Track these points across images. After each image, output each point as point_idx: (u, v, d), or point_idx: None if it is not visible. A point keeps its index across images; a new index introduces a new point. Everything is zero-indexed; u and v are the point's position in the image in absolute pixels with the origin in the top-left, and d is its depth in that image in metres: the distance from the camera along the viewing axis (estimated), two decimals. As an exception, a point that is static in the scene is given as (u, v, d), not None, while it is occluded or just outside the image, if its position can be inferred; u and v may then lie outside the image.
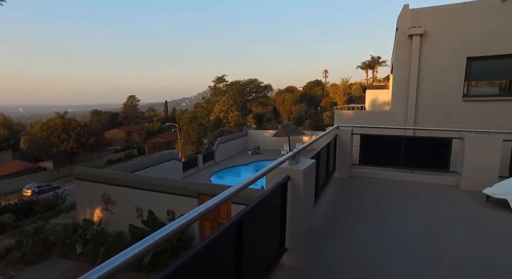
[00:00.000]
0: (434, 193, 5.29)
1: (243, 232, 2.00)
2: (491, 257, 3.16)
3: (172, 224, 1.45)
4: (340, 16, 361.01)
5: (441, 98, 8.31)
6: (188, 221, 1.53)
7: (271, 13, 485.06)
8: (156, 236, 1.33)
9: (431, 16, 8.23)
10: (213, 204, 1.75)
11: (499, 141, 5.22)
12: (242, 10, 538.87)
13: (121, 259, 1.16)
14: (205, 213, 1.69)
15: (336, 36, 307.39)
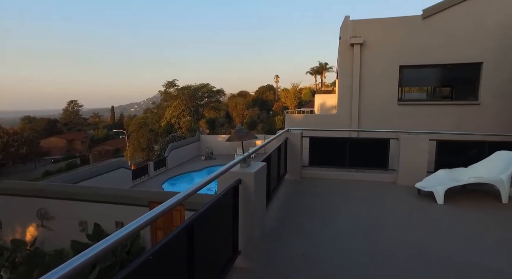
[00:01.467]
0: (376, 190, 5.73)
1: (194, 237, 1.99)
2: (420, 240, 3.55)
3: (115, 233, 1.39)
4: (289, 23, 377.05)
5: (380, 102, 9.09)
6: (133, 230, 1.49)
7: (220, 19, 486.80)
8: (98, 247, 1.27)
9: (369, 28, 8.99)
10: (161, 211, 1.72)
11: (426, 140, 5.86)
12: (193, 14, 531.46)
13: (58, 273, 1.09)
14: (153, 220, 1.65)
15: (286, 42, 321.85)
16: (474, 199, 5.09)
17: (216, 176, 2.63)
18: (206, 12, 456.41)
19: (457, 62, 8.57)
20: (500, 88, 8.27)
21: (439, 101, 9.03)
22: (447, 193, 5.06)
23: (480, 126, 8.34)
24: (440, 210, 4.63)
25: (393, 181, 6.21)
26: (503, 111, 8.29)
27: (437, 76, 9.04)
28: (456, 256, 3.20)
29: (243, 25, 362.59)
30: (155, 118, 44.22)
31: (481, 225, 4.08)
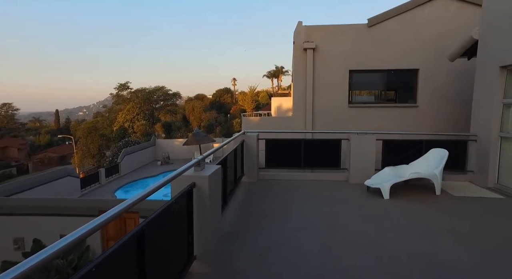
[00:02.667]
0: (329, 188, 5.99)
1: (145, 245, 1.90)
2: (370, 233, 3.78)
3: (51, 246, 1.27)
4: (247, 26, 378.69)
5: (332, 105, 9.55)
6: (73, 241, 1.37)
7: (178, 21, 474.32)
8: (28, 263, 1.14)
9: (321, 33, 9.42)
10: (105, 219, 1.61)
11: (374, 140, 6.27)
12: (146, 17, 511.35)
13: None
14: (96, 229, 1.54)
15: (244, 45, 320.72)
16: (414, 193, 5.55)
17: (169, 180, 2.55)
18: (166, 15, 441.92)
19: (398, 68, 9.33)
20: (434, 93, 9.17)
21: (385, 103, 9.73)
22: (393, 188, 5.45)
23: (419, 126, 9.15)
24: (386, 205, 4.97)
25: (345, 180, 6.53)
26: (437, 113, 9.20)
27: (382, 80, 9.76)
28: (399, 246, 3.45)
29: (199, 27, 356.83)
30: (107, 122, 41.68)
31: (419, 215, 4.46)
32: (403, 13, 9.07)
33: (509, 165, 5.59)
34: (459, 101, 8.70)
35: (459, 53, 7.28)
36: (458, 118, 8.76)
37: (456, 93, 8.93)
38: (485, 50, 6.11)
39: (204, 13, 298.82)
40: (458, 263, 3.09)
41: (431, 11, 8.96)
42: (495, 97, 5.74)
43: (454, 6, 8.85)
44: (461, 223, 4.17)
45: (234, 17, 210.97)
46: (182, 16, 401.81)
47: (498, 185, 5.80)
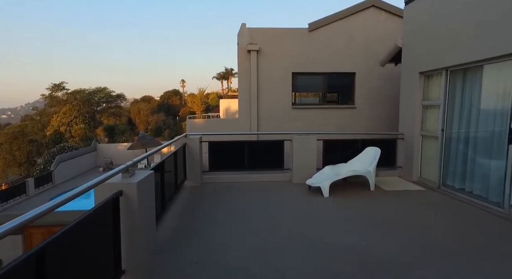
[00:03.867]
0: (273, 189, 6.06)
1: (47, 266, 1.66)
2: (310, 230, 3.89)
3: None
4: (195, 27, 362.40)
5: (276, 106, 9.75)
6: None
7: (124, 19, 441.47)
8: None
9: (264, 36, 9.58)
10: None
11: (314, 140, 6.51)
12: (88, 13, 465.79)
13: None
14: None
15: (193, 46, 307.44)
16: (351, 189, 5.88)
17: (87, 189, 2.31)
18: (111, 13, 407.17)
19: (338, 71, 9.89)
20: (369, 95, 9.90)
21: (326, 105, 10.23)
22: (333, 186, 5.70)
23: (357, 126, 9.79)
24: (326, 202, 5.18)
25: (289, 180, 6.68)
26: (372, 114, 9.93)
27: (325, 83, 10.23)
28: (334, 241, 3.60)
29: (145, 27, 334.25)
30: (38, 126, 37.58)
31: (355, 211, 4.73)
32: (340, 19, 9.65)
33: (428, 161, 6.22)
34: (390, 102, 9.49)
35: (387, 59, 7.95)
36: (390, 118, 9.53)
37: (387, 95, 9.73)
38: (407, 57, 6.74)
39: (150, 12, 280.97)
40: (386, 254, 3.30)
41: (364, 19, 9.67)
42: (417, 99, 6.35)
43: (382, 16, 9.67)
44: (389, 216, 4.50)
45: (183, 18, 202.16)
46: (127, 15, 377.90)
47: (421, 179, 6.41)
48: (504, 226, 4.07)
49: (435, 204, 5.07)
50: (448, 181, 5.68)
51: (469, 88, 5.24)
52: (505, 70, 4.50)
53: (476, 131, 5.08)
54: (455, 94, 5.51)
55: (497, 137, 4.63)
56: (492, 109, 4.78)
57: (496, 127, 4.66)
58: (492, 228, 4.05)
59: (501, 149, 4.54)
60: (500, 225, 4.10)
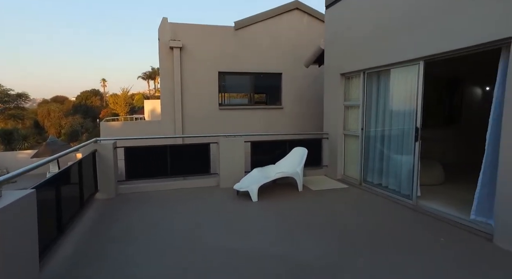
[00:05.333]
0: (199, 196, 5.60)
1: None
2: (239, 240, 3.56)
3: None
4: (118, 24, 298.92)
5: (202, 107, 9.26)
6: None
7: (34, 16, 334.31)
8: None
9: (188, 32, 9.00)
10: None
11: (242, 142, 6.25)
12: None
13: None
14: None
15: (114, 44, 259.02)
16: (280, 191, 5.77)
17: None
18: None
19: (265, 71, 9.86)
20: (296, 95, 10.12)
21: (254, 105, 10.12)
22: (262, 189, 5.51)
23: (285, 127, 9.91)
24: (254, 208, 4.93)
25: (216, 185, 6.30)
26: (299, 114, 10.17)
27: (253, 83, 10.08)
28: (260, 251, 3.34)
29: (57, 20, 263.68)
30: None
31: (283, 214, 4.57)
32: (266, 20, 9.64)
33: (350, 159, 6.50)
34: (316, 103, 9.84)
35: (311, 61, 8.17)
36: (316, 118, 9.87)
37: (313, 95, 10.08)
38: (329, 59, 6.97)
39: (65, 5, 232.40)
40: (313, 259, 3.16)
41: (289, 21, 9.84)
42: (339, 100, 6.59)
43: (305, 19, 9.98)
44: (316, 217, 4.46)
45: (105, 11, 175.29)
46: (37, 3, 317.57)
47: (344, 176, 6.68)
48: (414, 217, 4.36)
49: (357, 201, 5.25)
50: (368, 177, 5.99)
51: (382, 89, 5.57)
52: (408, 74, 4.86)
53: (389, 130, 5.42)
54: (371, 95, 5.82)
55: (406, 135, 4.98)
56: (401, 109, 5.13)
57: (405, 125, 5.01)
58: (404, 220, 4.29)
59: (410, 146, 4.89)
60: (410, 216, 4.39)
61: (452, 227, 3.99)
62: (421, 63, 4.57)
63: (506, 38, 3.41)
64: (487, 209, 3.83)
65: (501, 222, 3.45)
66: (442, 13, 4.13)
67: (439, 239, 3.64)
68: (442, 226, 4.02)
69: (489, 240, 3.56)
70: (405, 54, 4.78)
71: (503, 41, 3.49)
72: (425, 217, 4.37)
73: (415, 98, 4.73)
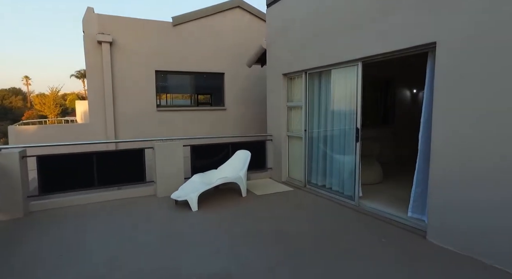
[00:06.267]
0: (133, 208, 4.98)
1: None
2: (174, 260, 3.09)
3: None
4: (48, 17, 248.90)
5: (139, 109, 8.45)
6: None
7: None
8: None
9: (119, 26, 8.14)
10: None
11: (180, 146, 5.76)
12: None
13: None
14: None
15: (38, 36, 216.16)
16: (223, 198, 5.41)
17: None
18: None
19: (207, 71, 9.40)
20: (239, 96, 9.83)
21: (196, 107, 9.59)
22: (203, 196, 5.10)
23: (228, 129, 9.56)
24: (193, 219, 4.49)
25: (153, 194, 5.71)
26: (243, 116, 9.91)
27: (194, 83, 9.53)
28: (202, 269, 2.95)
29: None
30: None
31: (225, 225, 4.21)
32: (207, 16, 9.18)
33: (294, 161, 6.41)
34: (260, 104, 9.68)
35: (254, 60, 7.95)
36: (260, 120, 9.72)
37: (257, 96, 9.89)
38: (271, 59, 6.81)
39: None
40: (255, 275, 2.86)
41: (230, 19, 9.52)
42: (282, 100, 6.46)
43: (247, 18, 9.77)
44: (260, 225, 4.19)
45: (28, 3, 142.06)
46: None
47: (289, 179, 6.57)
48: (357, 218, 4.35)
49: (302, 204, 5.12)
50: (312, 179, 5.94)
51: (323, 90, 5.55)
52: (348, 75, 4.88)
53: (331, 130, 5.41)
54: (314, 96, 5.78)
55: (348, 135, 4.99)
56: (342, 110, 5.14)
57: (346, 126, 5.03)
58: (347, 222, 4.25)
59: (351, 147, 4.91)
60: (353, 217, 4.37)
61: (392, 226, 4.03)
62: (359, 64, 4.60)
63: (432, 42, 3.51)
64: (422, 207, 3.95)
65: (433, 219, 3.54)
66: (378, 16, 4.17)
67: (381, 240, 3.63)
68: (383, 226, 4.05)
69: (423, 236, 3.64)
70: (344, 55, 4.78)
71: (429, 46, 3.59)
72: (367, 217, 4.38)
73: (355, 99, 4.74)
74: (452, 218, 3.35)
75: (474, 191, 3.16)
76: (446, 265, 3.04)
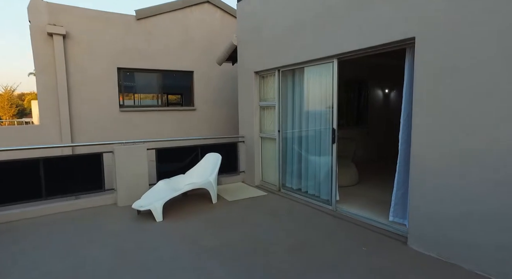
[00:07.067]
0: (89, 220, 4.41)
1: None
2: (132, 274, 2.64)
3: None
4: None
5: (99, 109, 7.72)
6: None
7: None
8: None
9: (74, 17, 7.36)
10: None
11: (144, 150, 5.24)
12: None
13: None
14: None
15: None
16: (192, 206, 4.98)
17: None
18: None
19: (175, 69, 8.84)
20: (210, 96, 9.35)
21: (165, 107, 8.99)
22: (169, 205, 4.66)
23: (198, 130, 9.07)
24: (159, 231, 4.02)
25: (113, 203, 5.15)
26: (213, 116, 9.44)
27: (164, 82, 8.92)
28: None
29: None
30: None
31: (192, 237, 3.79)
32: (174, 11, 8.63)
33: (268, 163, 6.09)
34: (232, 103, 9.28)
35: (224, 58, 7.55)
36: (232, 120, 9.32)
37: (228, 96, 9.48)
38: (242, 56, 6.45)
39: None
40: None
41: (200, 15, 9.03)
42: (254, 100, 6.12)
43: (218, 14, 9.34)
44: (231, 236, 3.82)
45: None
46: None
47: (263, 182, 6.24)
48: (335, 224, 4.09)
49: (276, 210, 4.80)
50: (287, 182, 5.65)
51: (297, 89, 5.28)
52: (323, 73, 4.63)
53: (306, 131, 5.15)
54: (287, 95, 5.49)
55: (324, 136, 4.75)
56: (317, 109, 4.90)
57: (322, 126, 4.79)
58: (325, 229, 3.98)
59: (327, 148, 4.67)
60: (331, 224, 4.11)
61: (372, 232, 3.81)
62: (335, 61, 4.36)
63: (410, 38, 3.33)
64: (403, 210, 3.77)
65: (414, 224, 3.36)
66: (354, 11, 3.95)
67: (362, 248, 3.39)
68: (363, 232, 3.82)
69: (404, 243, 3.45)
70: (319, 51, 4.52)
71: (407, 41, 3.42)
72: (345, 223, 4.14)
73: (331, 98, 4.51)
74: (433, 223, 3.17)
75: (454, 196, 2.99)
76: (429, 274, 2.84)
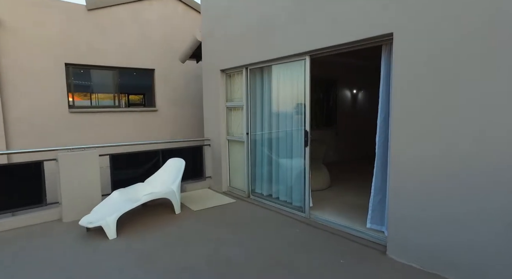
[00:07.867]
0: (25, 241, 3.72)
1: None
2: None
3: None
4: None
5: (43, 111, 6.79)
6: None
7: None
8: None
9: (9, 3, 6.42)
10: None
11: (96, 156, 4.60)
12: None
13: None
14: None
15: None
16: (151, 218, 4.44)
17: None
18: None
19: (133, 66, 8.12)
20: (172, 96, 8.73)
21: (123, 108, 8.21)
22: (126, 217, 4.11)
23: (161, 133, 8.43)
24: (111, 251, 3.46)
25: (58, 218, 4.46)
26: (176, 118, 8.84)
27: (121, 80, 8.13)
28: None
29: None
30: None
31: (151, 257, 3.29)
32: (131, 3, 7.92)
33: (236, 168, 5.70)
34: (197, 104, 8.75)
35: (188, 55, 7.03)
36: (197, 122, 8.80)
37: (193, 96, 8.94)
38: (207, 53, 6.01)
39: None
40: None
41: (161, 8, 8.40)
42: (220, 100, 5.69)
43: (181, 8, 8.76)
44: (195, 252, 3.37)
45: None
46: None
47: (231, 188, 5.83)
48: (309, 233, 3.80)
49: (245, 219, 4.41)
50: (257, 188, 5.29)
51: (266, 88, 4.95)
52: (294, 70, 4.34)
53: (277, 133, 4.84)
54: (256, 94, 5.14)
55: (295, 139, 4.46)
56: (288, 110, 4.60)
57: (293, 128, 4.50)
58: (299, 239, 3.67)
59: (299, 152, 4.39)
60: (305, 233, 3.81)
61: (349, 241, 3.57)
62: (307, 58, 4.08)
63: (388, 33, 3.13)
64: (381, 217, 3.57)
65: (393, 233, 3.15)
66: (327, 4, 3.69)
67: (339, 261, 3.11)
68: (339, 241, 3.56)
69: (383, 252, 3.24)
70: (289, 47, 4.22)
71: (384, 37, 3.21)
72: (320, 232, 3.86)
73: (303, 97, 4.22)
74: (414, 231, 2.98)
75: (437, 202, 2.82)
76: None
